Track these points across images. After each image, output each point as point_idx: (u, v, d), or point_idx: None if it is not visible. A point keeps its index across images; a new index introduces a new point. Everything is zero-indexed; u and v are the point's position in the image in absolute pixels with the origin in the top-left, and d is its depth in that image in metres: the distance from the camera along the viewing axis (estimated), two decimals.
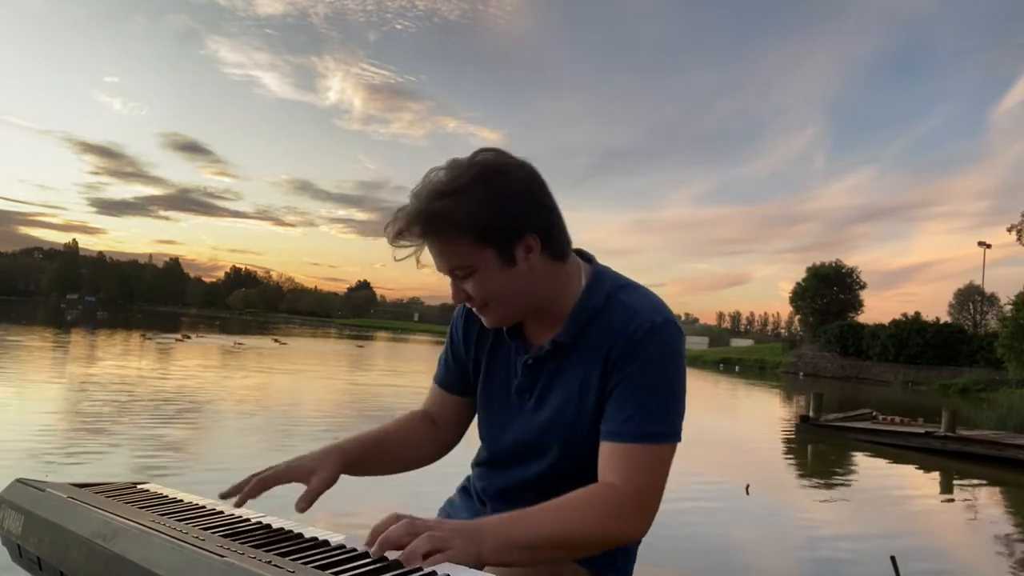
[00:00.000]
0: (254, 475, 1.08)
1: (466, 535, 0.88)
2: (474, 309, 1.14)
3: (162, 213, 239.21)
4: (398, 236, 1.05)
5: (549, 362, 1.15)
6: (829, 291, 58.85)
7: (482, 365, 1.25)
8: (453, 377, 1.30)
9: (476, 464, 1.30)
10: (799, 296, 60.39)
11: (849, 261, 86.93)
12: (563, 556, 1.02)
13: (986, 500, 9.58)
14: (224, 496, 1.07)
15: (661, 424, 1.05)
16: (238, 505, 1.06)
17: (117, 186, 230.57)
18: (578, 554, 1.02)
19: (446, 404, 1.31)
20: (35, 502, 1.05)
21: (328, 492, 1.10)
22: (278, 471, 1.08)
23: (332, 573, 0.78)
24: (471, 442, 1.35)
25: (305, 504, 1.04)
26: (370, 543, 0.87)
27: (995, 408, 17.47)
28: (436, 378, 1.33)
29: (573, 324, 1.12)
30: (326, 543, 0.91)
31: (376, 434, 1.22)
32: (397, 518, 0.88)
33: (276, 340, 34.63)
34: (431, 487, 1.87)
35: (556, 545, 0.96)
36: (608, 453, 1.06)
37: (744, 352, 63.53)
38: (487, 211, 1.02)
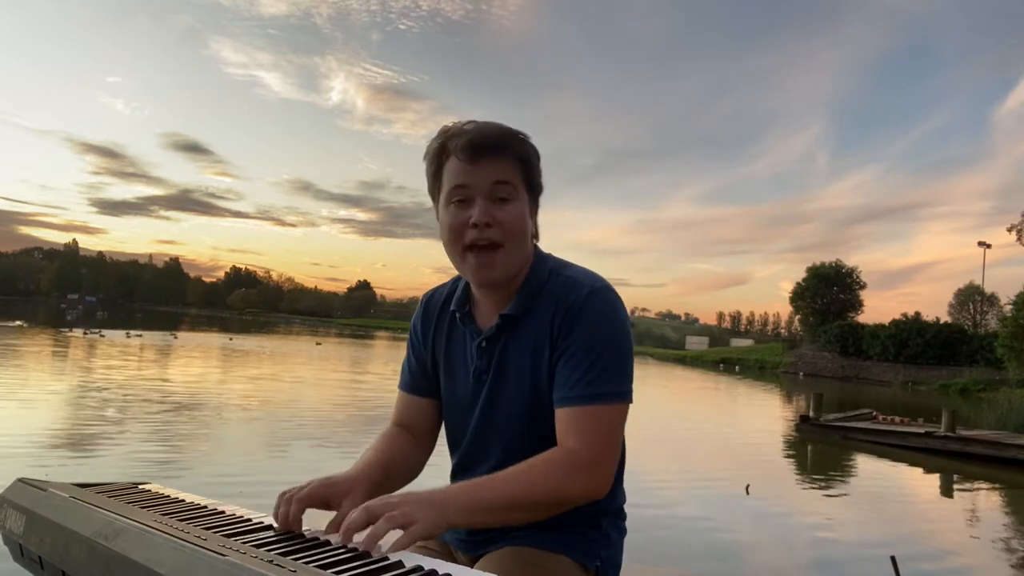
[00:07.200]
0: (284, 493, 1.01)
1: (429, 504, 0.93)
2: (479, 259, 1.13)
3: (163, 213, 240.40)
4: (478, 134, 1.11)
5: (500, 338, 1.18)
6: (829, 291, 58.77)
7: (441, 362, 1.28)
8: (418, 380, 1.32)
9: (454, 473, 1.28)
10: (799, 296, 60.29)
11: (850, 261, 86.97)
12: (526, 517, 1.04)
13: (986, 500, 9.59)
14: (279, 528, 0.99)
15: (607, 385, 1.08)
16: (284, 529, 0.99)
17: (118, 186, 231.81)
18: (542, 514, 1.04)
19: (415, 409, 1.31)
20: (37, 502, 1.05)
21: None
22: (315, 490, 1.03)
23: (333, 573, 0.78)
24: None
25: (335, 530, 0.96)
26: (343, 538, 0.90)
27: (995, 408, 17.44)
28: (401, 385, 1.34)
29: (521, 298, 1.17)
30: (327, 543, 0.91)
31: (381, 459, 1.19)
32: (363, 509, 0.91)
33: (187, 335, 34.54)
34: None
35: (517, 505, 1.01)
36: (561, 419, 1.10)
37: (744, 352, 63.51)
38: (537, 161, 1.18)
